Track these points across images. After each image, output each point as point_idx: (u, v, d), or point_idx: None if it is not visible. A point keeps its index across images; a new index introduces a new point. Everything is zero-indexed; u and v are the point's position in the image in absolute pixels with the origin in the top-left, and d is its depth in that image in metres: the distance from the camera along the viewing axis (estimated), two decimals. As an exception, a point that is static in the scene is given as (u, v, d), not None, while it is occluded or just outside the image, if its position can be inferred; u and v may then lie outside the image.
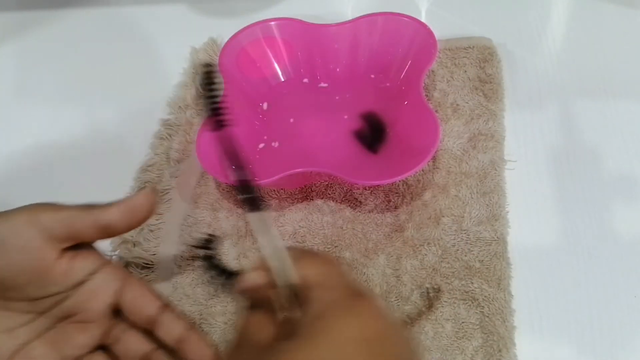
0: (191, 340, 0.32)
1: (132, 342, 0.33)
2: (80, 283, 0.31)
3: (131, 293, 0.32)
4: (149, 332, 0.32)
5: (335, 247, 0.43)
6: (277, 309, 0.25)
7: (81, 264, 0.31)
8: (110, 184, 0.50)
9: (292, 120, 0.51)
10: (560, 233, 0.42)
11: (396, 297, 0.40)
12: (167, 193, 0.48)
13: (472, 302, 0.39)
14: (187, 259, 0.44)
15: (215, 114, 0.27)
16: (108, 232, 0.31)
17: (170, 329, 0.32)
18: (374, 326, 0.24)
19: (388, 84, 0.51)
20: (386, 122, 0.49)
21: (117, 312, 0.33)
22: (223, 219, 0.46)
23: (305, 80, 0.53)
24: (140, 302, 0.32)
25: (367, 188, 0.46)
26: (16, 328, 0.30)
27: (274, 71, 0.53)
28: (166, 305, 0.33)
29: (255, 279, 0.27)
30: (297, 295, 0.25)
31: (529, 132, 0.48)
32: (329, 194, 0.46)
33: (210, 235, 0.43)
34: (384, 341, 0.24)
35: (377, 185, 0.46)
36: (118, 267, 0.33)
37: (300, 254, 0.27)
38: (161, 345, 0.32)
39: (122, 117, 0.56)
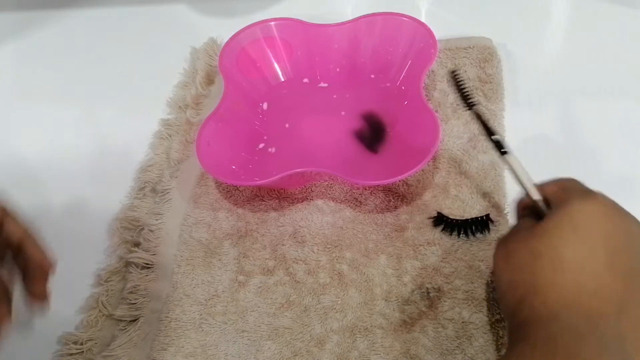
0: (30, 240, 0.35)
1: None
2: None
3: None
4: None
5: (336, 247, 0.43)
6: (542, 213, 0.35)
7: None
8: (110, 184, 0.50)
9: (292, 120, 0.51)
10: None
11: (397, 297, 0.40)
12: (167, 193, 0.48)
13: (473, 302, 0.39)
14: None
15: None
16: None
17: (12, 231, 0.34)
18: (603, 203, 0.31)
19: (388, 84, 0.51)
20: (386, 122, 0.49)
21: None
22: (223, 219, 0.46)
23: (305, 80, 0.53)
24: None
25: (367, 188, 0.46)
26: None
27: (273, 71, 0.53)
28: (7, 213, 0.35)
29: (526, 200, 0.37)
30: (548, 204, 0.35)
31: (529, 132, 0.48)
32: (329, 194, 0.46)
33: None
34: (612, 216, 0.31)
35: (377, 185, 0.46)
36: None
37: (548, 183, 0.36)
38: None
39: (122, 117, 0.56)
